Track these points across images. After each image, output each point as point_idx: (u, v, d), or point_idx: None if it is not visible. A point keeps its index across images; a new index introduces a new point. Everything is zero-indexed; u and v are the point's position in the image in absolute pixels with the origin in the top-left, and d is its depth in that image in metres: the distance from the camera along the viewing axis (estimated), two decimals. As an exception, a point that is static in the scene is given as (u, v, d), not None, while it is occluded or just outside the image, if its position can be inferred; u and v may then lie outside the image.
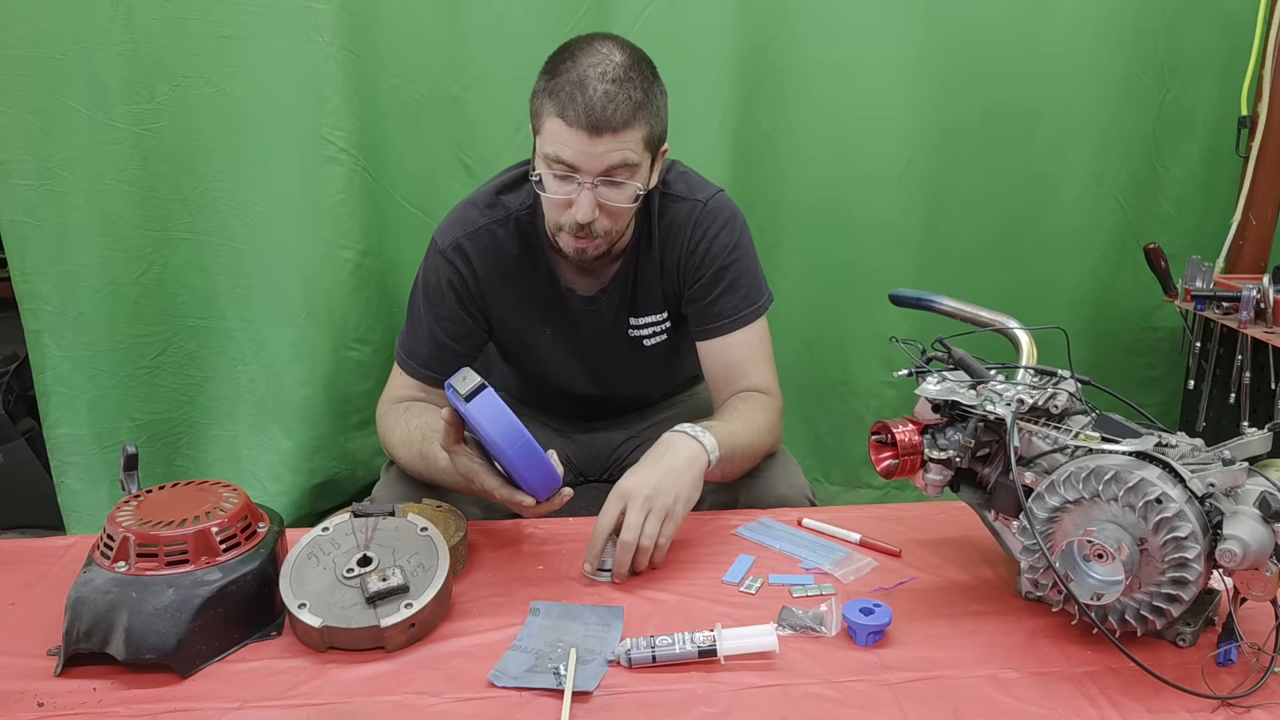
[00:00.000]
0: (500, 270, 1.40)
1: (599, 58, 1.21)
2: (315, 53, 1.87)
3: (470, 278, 1.39)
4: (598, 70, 1.20)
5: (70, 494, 2.05)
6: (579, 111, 1.19)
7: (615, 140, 1.20)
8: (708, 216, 1.40)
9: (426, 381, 1.42)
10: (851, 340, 2.25)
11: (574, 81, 1.20)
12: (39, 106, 1.84)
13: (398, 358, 1.44)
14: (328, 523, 1.09)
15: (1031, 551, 0.97)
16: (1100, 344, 2.34)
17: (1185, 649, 0.98)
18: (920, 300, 1.40)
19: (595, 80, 1.19)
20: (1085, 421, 1.05)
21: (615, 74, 1.20)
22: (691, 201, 1.40)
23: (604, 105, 1.19)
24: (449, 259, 1.39)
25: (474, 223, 1.39)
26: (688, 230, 1.40)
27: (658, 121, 1.26)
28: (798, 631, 1.01)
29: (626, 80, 1.21)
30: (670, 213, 1.40)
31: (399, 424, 1.37)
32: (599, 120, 1.19)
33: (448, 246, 1.39)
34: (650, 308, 1.45)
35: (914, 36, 2.05)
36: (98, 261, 1.94)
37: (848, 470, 2.36)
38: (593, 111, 1.18)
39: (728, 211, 1.41)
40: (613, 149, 1.21)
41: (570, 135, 1.20)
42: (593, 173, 1.22)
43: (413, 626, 0.99)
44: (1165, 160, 2.24)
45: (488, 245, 1.39)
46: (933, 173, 2.15)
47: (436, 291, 1.40)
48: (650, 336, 1.48)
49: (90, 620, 0.94)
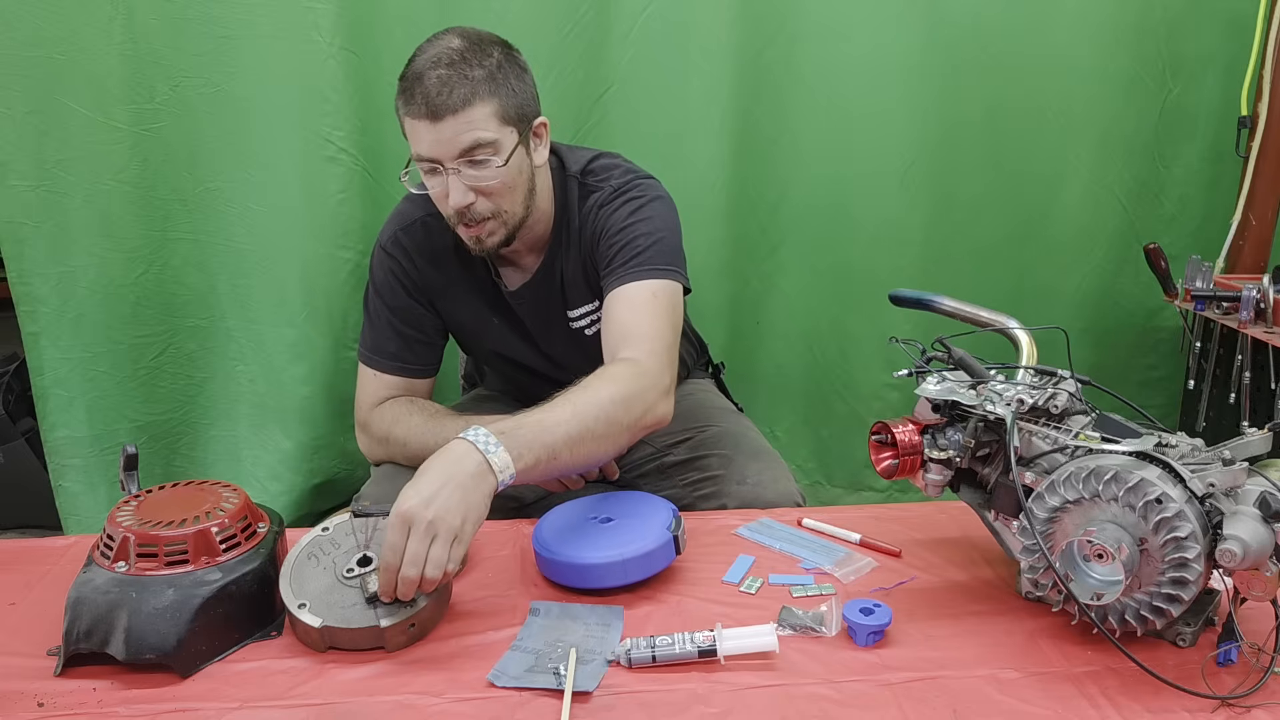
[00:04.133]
0: (436, 261, 1.44)
1: (437, 49, 1.24)
2: (315, 53, 1.86)
3: (410, 269, 1.44)
4: (432, 59, 1.23)
5: (69, 497, 2.04)
6: (419, 103, 1.22)
7: (459, 121, 1.22)
8: (612, 199, 1.39)
9: (400, 374, 1.45)
10: (853, 342, 2.25)
11: (413, 76, 1.24)
12: (37, 107, 1.83)
13: (365, 359, 1.47)
14: (328, 523, 1.09)
15: (1031, 551, 0.97)
16: (1101, 344, 2.34)
17: (1185, 649, 0.98)
18: (920, 300, 1.40)
19: (429, 69, 1.22)
20: (1085, 421, 1.04)
21: (449, 58, 1.23)
22: (601, 189, 1.40)
23: (439, 90, 1.21)
24: (389, 252, 1.44)
25: (409, 215, 1.44)
26: (594, 215, 1.40)
27: (509, 95, 1.27)
28: (798, 631, 1.01)
29: (461, 62, 1.23)
30: (586, 202, 1.41)
31: (409, 412, 1.39)
32: (437, 105, 1.21)
33: (387, 241, 1.45)
34: (581, 298, 1.46)
35: (915, 37, 2.05)
36: (97, 262, 1.93)
37: (850, 472, 2.36)
38: (429, 98, 1.21)
39: (641, 189, 1.39)
40: (460, 131, 1.23)
41: (419, 127, 1.24)
42: (449, 158, 1.24)
43: (413, 626, 0.99)
44: (1167, 160, 2.23)
45: (422, 238, 1.43)
46: (934, 173, 2.14)
47: (385, 285, 1.45)
48: (589, 326, 1.48)
49: (90, 620, 0.94)
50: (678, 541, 1.12)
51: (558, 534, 1.14)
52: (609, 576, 1.08)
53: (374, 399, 1.45)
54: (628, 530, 1.13)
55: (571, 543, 1.11)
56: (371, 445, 1.46)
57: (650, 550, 1.09)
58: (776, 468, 1.44)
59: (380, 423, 1.42)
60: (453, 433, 1.22)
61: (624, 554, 1.08)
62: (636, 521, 1.14)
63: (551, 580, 1.12)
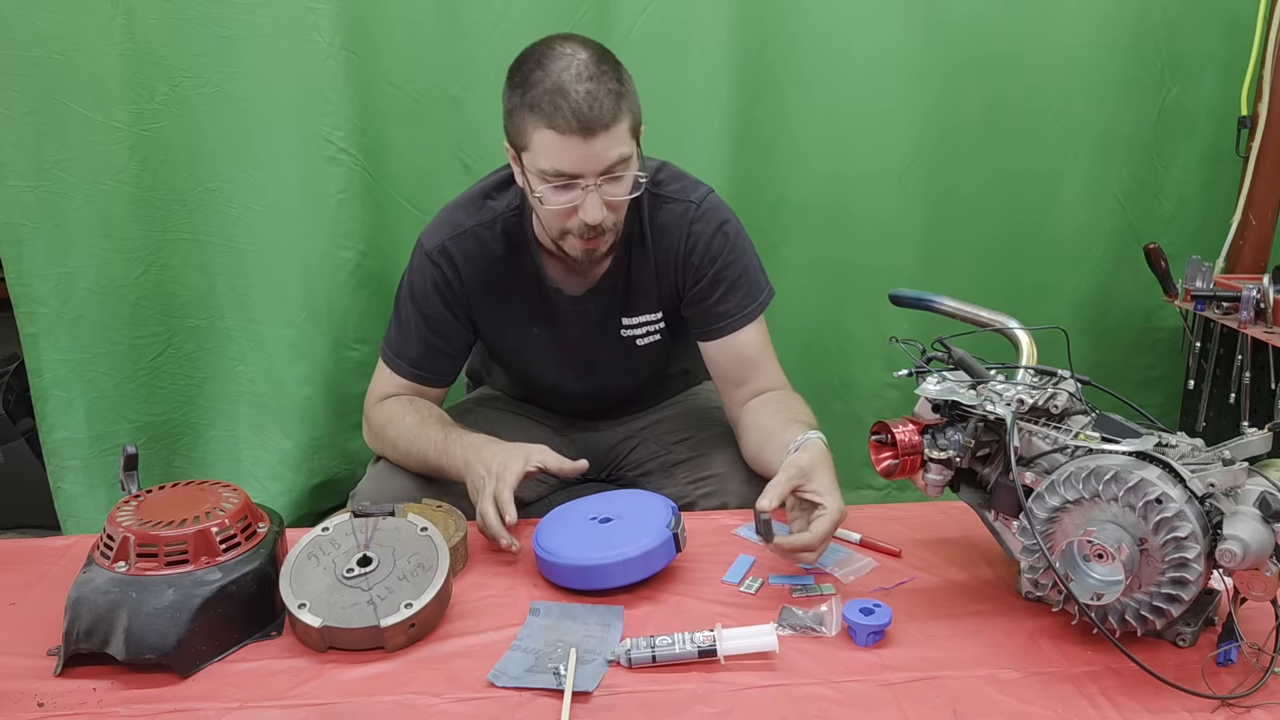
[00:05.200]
0: (486, 273, 1.41)
1: (566, 59, 1.20)
2: (315, 53, 1.86)
3: (455, 280, 1.40)
4: (571, 72, 1.19)
5: (67, 498, 2.04)
6: (567, 118, 1.18)
7: (609, 137, 1.20)
8: (702, 218, 1.39)
9: (415, 380, 1.44)
10: (852, 341, 2.25)
11: (552, 90, 1.18)
12: (36, 107, 1.83)
13: (384, 356, 1.46)
14: (328, 523, 1.09)
15: (1031, 551, 0.97)
16: (1101, 344, 2.34)
17: (1185, 649, 0.98)
18: (920, 300, 1.40)
19: (572, 83, 1.18)
20: (1085, 421, 1.04)
21: (589, 71, 1.20)
22: (685, 203, 1.40)
23: (589, 105, 1.18)
24: (434, 261, 1.40)
25: (460, 225, 1.40)
26: (682, 232, 1.39)
27: (636, 106, 1.27)
28: (798, 631, 1.01)
29: (601, 75, 1.20)
30: (663, 213, 1.40)
31: (404, 412, 1.39)
32: (590, 121, 1.18)
33: (433, 249, 1.40)
34: (644, 307, 1.45)
35: (915, 37, 2.05)
36: (96, 263, 1.93)
37: (849, 471, 2.35)
38: (581, 114, 1.18)
39: (721, 212, 1.42)
40: (609, 146, 1.21)
41: (565, 144, 1.19)
42: (594, 173, 1.22)
43: (413, 626, 0.99)
44: (1166, 160, 2.23)
45: (472, 248, 1.40)
46: (934, 173, 2.14)
47: (422, 293, 1.41)
48: (643, 336, 1.48)
49: (90, 620, 0.94)
50: (678, 539, 1.12)
51: (558, 536, 1.14)
52: (610, 577, 1.08)
53: (382, 393, 1.45)
54: (627, 529, 1.13)
55: (572, 544, 1.12)
56: (370, 437, 1.47)
57: (650, 549, 1.09)
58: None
59: (378, 418, 1.43)
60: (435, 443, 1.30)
61: (624, 554, 1.08)
62: (636, 520, 1.14)
63: (554, 583, 1.12)
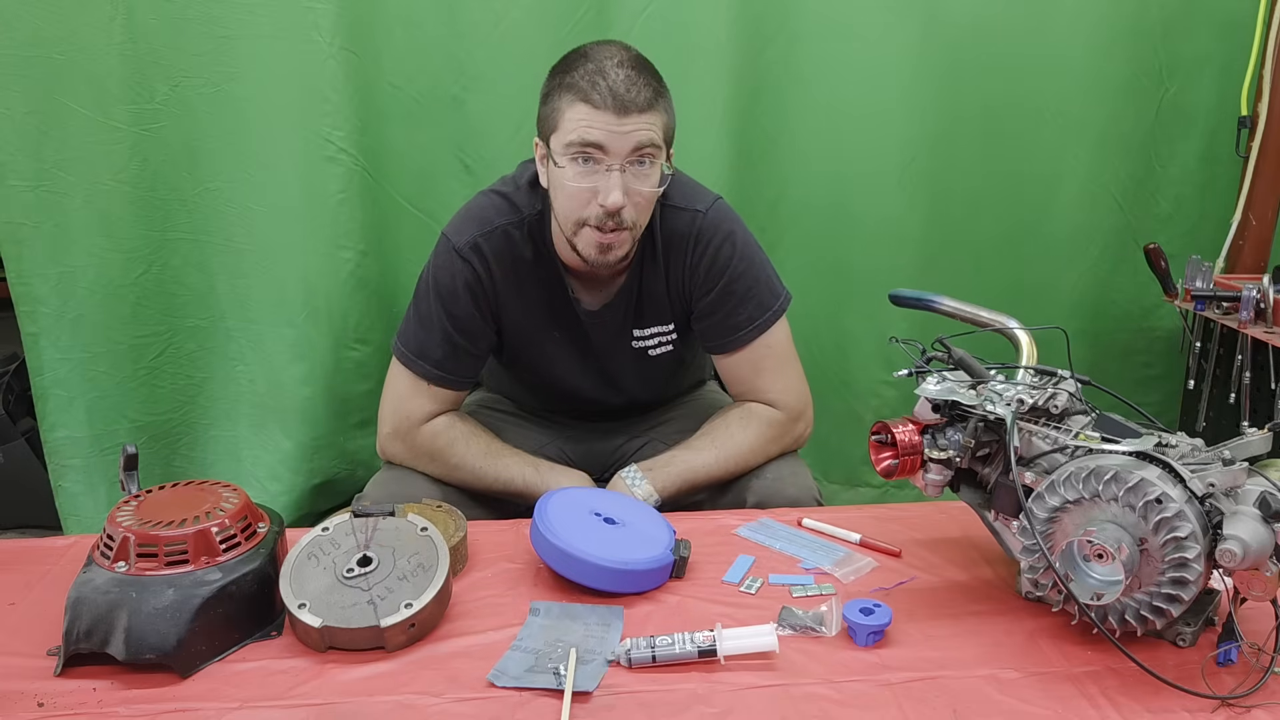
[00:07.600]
0: (514, 273, 1.38)
1: (611, 51, 1.25)
2: (315, 53, 1.86)
3: (486, 278, 1.37)
4: (614, 60, 1.23)
5: (68, 497, 2.04)
6: (603, 94, 1.21)
7: (642, 119, 1.22)
8: (710, 228, 1.38)
9: (441, 384, 1.39)
10: (851, 340, 2.25)
11: (593, 71, 1.22)
12: (37, 107, 1.83)
13: (403, 357, 1.39)
14: (328, 523, 1.09)
15: (1031, 551, 0.97)
16: (1100, 344, 2.34)
17: (1185, 649, 0.98)
18: (920, 300, 1.40)
19: (614, 67, 1.22)
20: (1085, 421, 1.05)
21: (632, 62, 1.24)
22: (691, 212, 1.38)
23: (627, 87, 1.21)
24: (465, 258, 1.36)
25: (490, 222, 1.37)
26: (690, 242, 1.38)
27: (671, 113, 1.29)
28: (798, 631, 1.01)
29: (643, 68, 1.25)
30: (671, 222, 1.39)
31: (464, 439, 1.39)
32: (625, 100, 1.21)
33: (464, 245, 1.36)
34: (655, 319, 1.45)
35: (913, 37, 2.05)
36: (96, 263, 1.93)
37: (847, 469, 2.36)
38: (617, 92, 1.21)
39: (729, 221, 1.40)
40: (640, 127, 1.22)
41: (597, 116, 1.21)
42: (621, 154, 1.23)
43: (413, 626, 0.99)
44: (1164, 160, 2.24)
45: (503, 247, 1.37)
46: (932, 173, 2.14)
47: (450, 291, 1.36)
48: (656, 347, 1.47)
49: (90, 620, 0.94)
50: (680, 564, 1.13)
51: (562, 520, 1.13)
52: (605, 581, 1.08)
53: (418, 412, 1.38)
54: (632, 539, 1.13)
55: (578, 534, 1.11)
56: (410, 456, 1.40)
57: (654, 568, 1.10)
58: (796, 464, 1.44)
59: (432, 441, 1.38)
60: (513, 471, 1.37)
61: (628, 564, 1.08)
62: (639, 530, 1.15)
63: (542, 558, 1.11)
